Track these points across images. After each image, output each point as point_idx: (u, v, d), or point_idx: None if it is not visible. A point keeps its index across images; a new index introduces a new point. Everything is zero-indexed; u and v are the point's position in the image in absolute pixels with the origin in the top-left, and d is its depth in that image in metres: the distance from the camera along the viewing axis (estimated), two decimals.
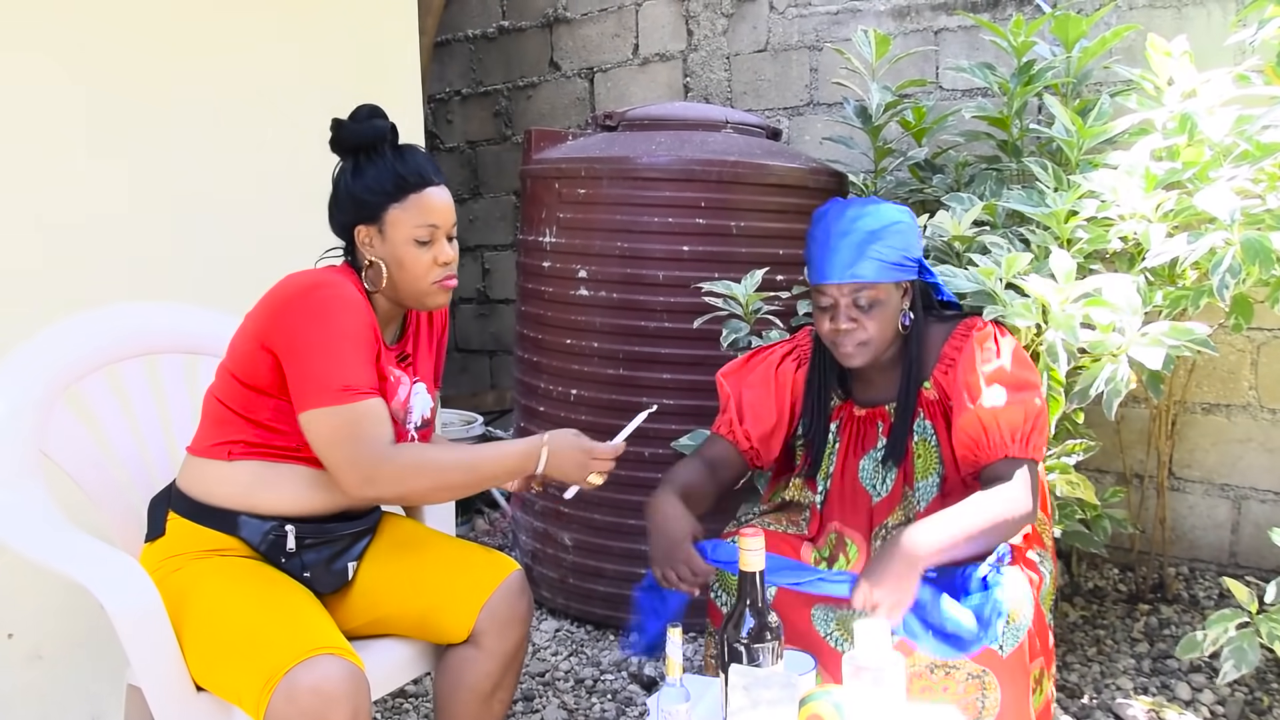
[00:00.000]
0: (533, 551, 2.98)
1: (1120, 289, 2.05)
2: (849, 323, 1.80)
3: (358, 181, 1.69)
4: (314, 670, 1.45)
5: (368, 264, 1.71)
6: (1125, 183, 2.21)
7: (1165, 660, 2.56)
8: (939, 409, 1.87)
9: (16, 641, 2.07)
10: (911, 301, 1.87)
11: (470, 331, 4.91)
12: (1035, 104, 3.05)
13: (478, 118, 4.73)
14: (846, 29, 3.50)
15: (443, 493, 1.70)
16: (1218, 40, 2.75)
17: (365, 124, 1.70)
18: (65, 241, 2.13)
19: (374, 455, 1.56)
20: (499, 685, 1.79)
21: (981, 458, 1.77)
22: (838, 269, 1.79)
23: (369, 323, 1.64)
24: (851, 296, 1.79)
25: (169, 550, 1.67)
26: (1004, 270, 2.12)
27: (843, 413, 1.97)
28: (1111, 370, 2.01)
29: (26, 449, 1.70)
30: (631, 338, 2.71)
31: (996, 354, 1.80)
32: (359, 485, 1.58)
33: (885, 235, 1.79)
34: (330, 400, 1.56)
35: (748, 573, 1.42)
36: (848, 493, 1.94)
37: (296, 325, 1.60)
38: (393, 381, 1.73)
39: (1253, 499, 2.96)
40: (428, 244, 1.70)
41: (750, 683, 1.37)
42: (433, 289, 1.72)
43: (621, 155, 2.72)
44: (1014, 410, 1.74)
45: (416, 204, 1.69)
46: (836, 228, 1.80)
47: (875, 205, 1.84)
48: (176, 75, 2.32)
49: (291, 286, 1.65)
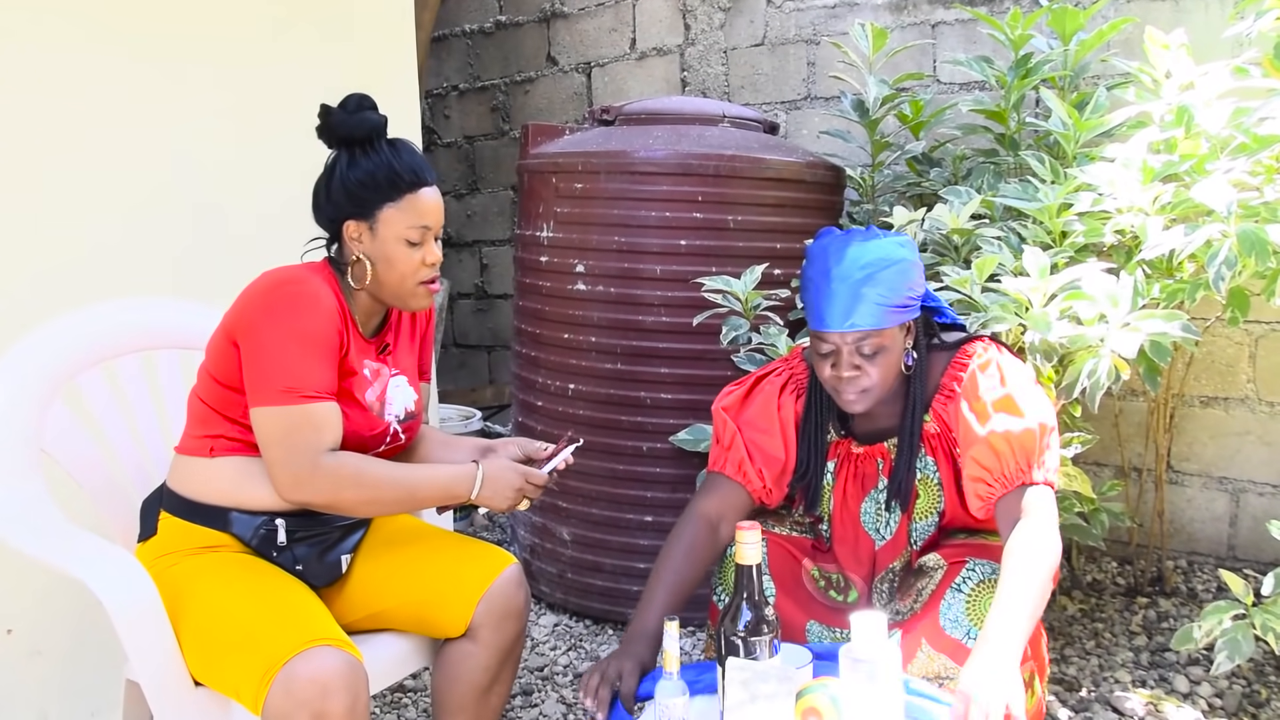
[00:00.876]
0: (531, 546, 2.98)
1: (1098, 279, 2.02)
2: (851, 370, 1.71)
3: (353, 176, 1.67)
4: (312, 661, 1.45)
5: (354, 260, 1.70)
6: (1122, 176, 2.21)
7: (1163, 653, 2.57)
8: (940, 443, 1.80)
9: (15, 638, 2.07)
10: (915, 339, 1.79)
11: (468, 326, 4.91)
12: (1033, 97, 3.05)
13: (475, 113, 4.73)
14: (843, 23, 3.50)
15: (373, 507, 1.69)
16: (1215, 33, 2.75)
17: (356, 116, 1.68)
18: (65, 240, 2.13)
19: (305, 461, 1.57)
20: (497, 679, 1.79)
21: (998, 489, 1.67)
22: (837, 316, 1.68)
23: (332, 323, 1.62)
24: (855, 345, 1.70)
25: (162, 549, 1.67)
26: (977, 274, 2.12)
27: (839, 449, 1.89)
28: (1093, 364, 1.98)
29: (25, 445, 1.70)
30: (629, 332, 2.71)
31: (1000, 379, 1.71)
32: (287, 488, 1.59)
33: (889, 278, 1.68)
34: (272, 400, 1.57)
35: (744, 566, 1.42)
36: (849, 536, 1.88)
37: (254, 321, 1.61)
38: (368, 375, 1.72)
39: (1251, 492, 2.96)
40: (418, 245, 1.69)
41: (748, 677, 1.37)
42: (418, 290, 1.71)
43: (619, 150, 2.72)
44: (1027, 434, 1.66)
45: (412, 204, 1.67)
46: (836, 270, 1.69)
47: (875, 241, 1.72)
48: (172, 71, 2.31)
49: (259, 283, 1.65)
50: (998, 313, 2.03)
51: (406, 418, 1.81)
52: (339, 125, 1.68)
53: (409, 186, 1.67)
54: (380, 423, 1.75)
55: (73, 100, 2.15)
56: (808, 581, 1.89)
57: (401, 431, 1.80)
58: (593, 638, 2.79)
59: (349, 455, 1.62)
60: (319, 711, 1.42)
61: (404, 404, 1.80)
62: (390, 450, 1.81)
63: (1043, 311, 2.01)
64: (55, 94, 2.12)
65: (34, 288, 2.06)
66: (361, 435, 1.71)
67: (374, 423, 1.73)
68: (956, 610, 1.65)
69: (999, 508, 1.68)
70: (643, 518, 2.75)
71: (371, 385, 1.73)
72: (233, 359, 1.63)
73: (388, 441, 1.78)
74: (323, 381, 1.60)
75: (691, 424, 2.63)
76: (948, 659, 1.63)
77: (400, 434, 1.80)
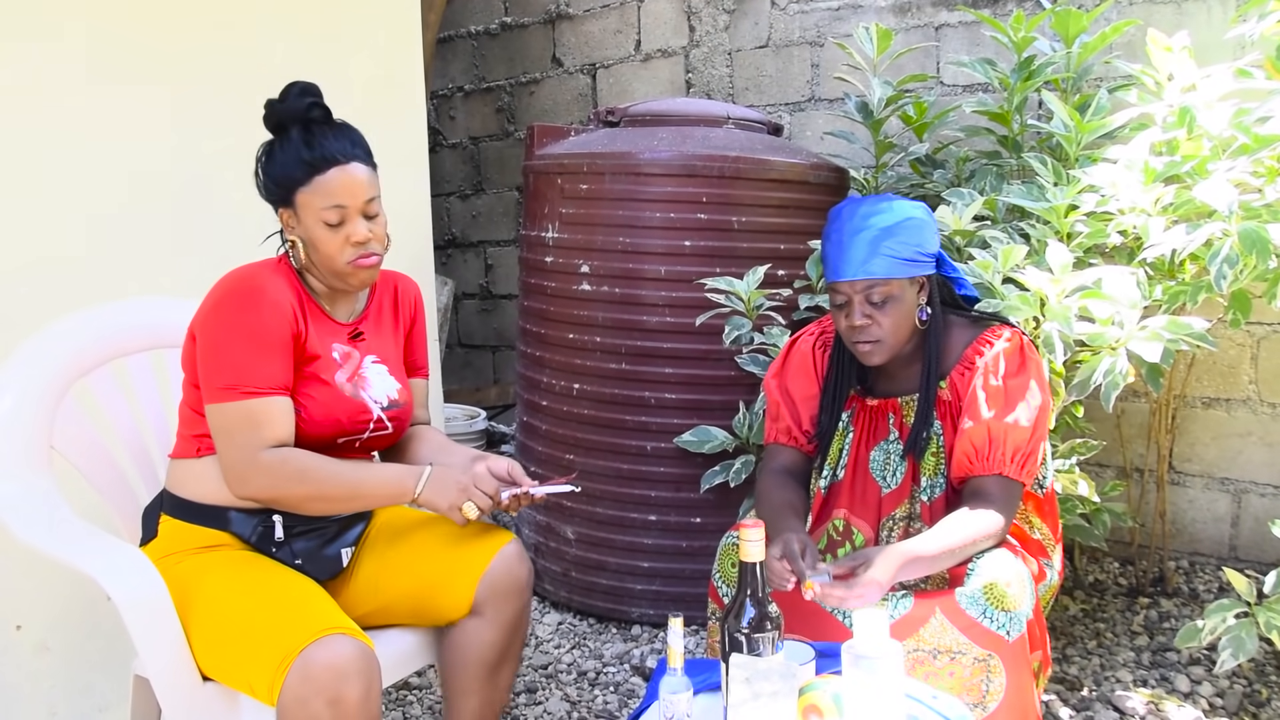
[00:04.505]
0: (535, 545, 3.00)
1: (1119, 281, 2.06)
2: (863, 319, 1.81)
3: (270, 165, 1.70)
4: (328, 648, 1.46)
5: (291, 243, 1.74)
6: (1124, 177, 2.22)
7: (1165, 653, 2.57)
8: (949, 410, 1.87)
9: (24, 633, 2.09)
10: (929, 296, 1.87)
11: (473, 326, 4.92)
12: (1035, 99, 3.06)
13: (480, 114, 4.74)
14: (847, 24, 3.51)
15: (318, 504, 1.69)
16: (1218, 35, 2.76)
17: (285, 104, 1.69)
18: (67, 238, 2.15)
19: (245, 456, 1.60)
20: (505, 656, 1.79)
21: (976, 469, 1.79)
22: (850, 266, 1.80)
23: (279, 316, 1.64)
24: (864, 293, 1.80)
25: (164, 550, 1.69)
26: (1001, 263, 2.13)
27: (854, 403, 1.99)
28: (1110, 363, 2.02)
29: (35, 443, 1.72)
30: (633, 332, 2.72)
31: (1019, 367, 1.80)
32: (233, 482, 1.63)
33: (898, 231, 1.79)
34: (216, 397, 1.61)
35: (748, 563, 1.43)
36: (858, 483, 1.95)
37: (205, 321, 1.65)
38: (336, 358, 1.74)
39: (1253, 493, 2.97)
40: (338, 225, 1.68)
41: (751, 674, 1.38)
42: (348, 269, 1.71)
43: (623, 151, 2.73)
44: (1022, 432, 1.77)
45: (321, 186, 1.67)
46: (850, 225, 1.81)
47: (889, 202, 1.84)
48: (178, 72, 2.33)
49: (216, 284, 1.69)
50: (1015, 304, 2.04)
51: (391, 406, 1.81)
52: (272, 114, 1.71)
53: (317, 169, 1.67)
54: (360, 406, 1.75)
55: (76, 100, 2.16)
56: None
57: (388, 419, 1.80)
58: (596, 636, 2.80)
59: (295, 452, 1.64)
60: (335, 698, 1.44)
61: (385, 391, 1.80)
62: (378, 439, 1.82)
63: (1064, 306, 2.03)
64: (57, 94, 2.13)
65: (37, 287, 2.08)
66: (338, 419, 1.72)
67: (350, 405, 1.74)
68: (974, 588, 1.68)
69: (970, 482, 1.81)
70: (647, 517, 2.76)
71: (341, 368, 1.74)
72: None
73: (372, 429, 1.78)
74: (267, 377, 1.62)
75: (695, 424, 2.64)
76: (960, 633, 1.65)
77: (386, 422, 1.80)
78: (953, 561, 1.70)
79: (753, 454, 2.59)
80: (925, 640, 1.66)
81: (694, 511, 2.74)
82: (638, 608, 2.82)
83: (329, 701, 1.44)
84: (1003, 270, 2.13)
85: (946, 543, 1.68)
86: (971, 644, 1.64)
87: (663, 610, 2.74)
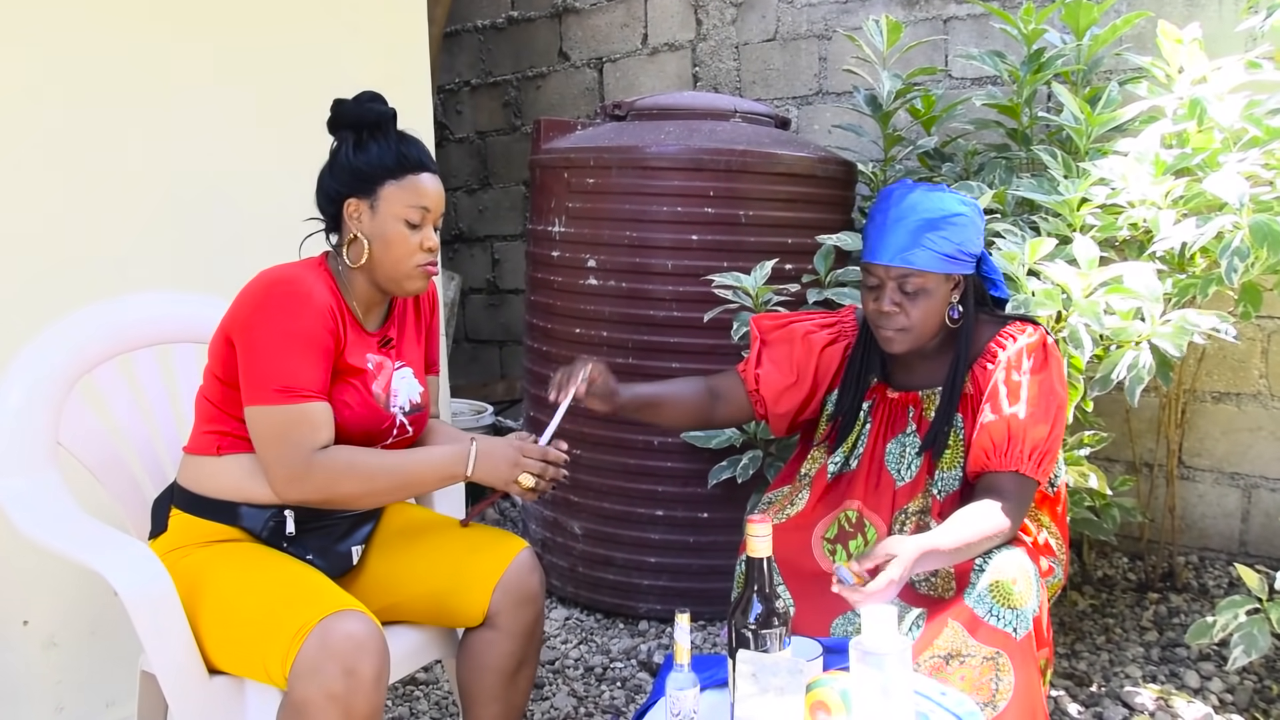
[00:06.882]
0: (542, 540, 3.00)
1: (1142, 276, 2.05)
2: (891, 306, 1.80)
3: (359, 155, 1.70)
4: (345, 621, 1.48)
5: (351, 239, 1.72)
6: (1135, 169, 2.20)
7: (1174, 649, 2.56)
8: (970, 403, 1.86)
9: (31, 629, 2.09)
10: (962, 295, 1.85)
11: (480, 321, 4.92)
12: (1045, 92, 3.04)
13: (487, 108, 4.74)
14: (855, 18, 3.49)
15: (372, 498, 1.70)
16: (1228, 27, 2.74)
17: (366, 105, 1.71)
18: (69, 238, 2.14)
19: (300, 458, 1.59)
20: (523, 663, 1.79)
21: (993, 464, 1.76)
22: (888, 251, 1.78)
23: (324, 323, 1.64)
24: (898, 281, 1.79)
25: (173, 543, 1.69)
26: (1027, 255, 2.12)
27: (875, 394, 1.97)
28: (1134, 357, 2.02)
29: (41, 438, 1.72)
30: (640, 327, 2.72)
31: (1043, 366, 1.78)
32: (284, 485, 1.61)
33: (944, 225, 1.77)
34: (266, 399, 1.59)
35: (755, 559, 1.43)
36: (873, 474, 1.94)
37: (248, 321, 1.63)
38: (371, 369, 1.73)
39: (1263, 488, 2.96)
40: (417, 227, 1.71)
41: (758, 670, 1.38)
42: (414, 272, 1.72)
43: (630, 145, 2.73)
44: (1041, 430, 1.75)
45: (413, 184, 1.70)
46: (896, 210, 1.79)
47: (940, 193, 1.82)
48: (184, 67, 2.32)
49: (254, 282, 1.67)
50: (1041, 298, 2.03)
51: (412, 410, 1.82)
52: (348, 112, 1.71)
53: (412, 168, 1.70)
54: (387, 415, 1.76)
55: (85, 98, 2.16)
56: (820, 558, 1.89)
57: (409, 424, 1.81)
58: (604, 631, 2.80)
59: (340, 448, 1.64)
60: (351, 668, 1.44)
61: (409, 396, 1.81)
62: (398, 443, 1.82)
63: (1091, 301, 2.02)
64: (66, 94, 2.13)
65: (41, 286, 2.08)
66: (368, 429, 1.72)
67: (381, 416, 1.74)
68: (981, 587, 1.68)
69: (985, 477, 1.78)
70: (654, 512, 2.76)
71: (376, 378, 1.74)
72: (232, 358, 1.66)
73: (395, 434, 1.79)
74: (315, 381, 1.62)
75: None
76: (969, 636, 1.65)
77: (407, 426, 1.81)
78: (967, 556, 1.68)
79: (760, 449, 2.58)
80: (939, 649, 1.66)
81: (701, 507, 2.74)
82: (645, 603, 2.82)
83: (345, 671, 1.44)
84: (1028, 263, 2.12)
85: (962, 536, 1.65)
86: (979, 644, 1.63)
87: (670, 605, 2.73)
